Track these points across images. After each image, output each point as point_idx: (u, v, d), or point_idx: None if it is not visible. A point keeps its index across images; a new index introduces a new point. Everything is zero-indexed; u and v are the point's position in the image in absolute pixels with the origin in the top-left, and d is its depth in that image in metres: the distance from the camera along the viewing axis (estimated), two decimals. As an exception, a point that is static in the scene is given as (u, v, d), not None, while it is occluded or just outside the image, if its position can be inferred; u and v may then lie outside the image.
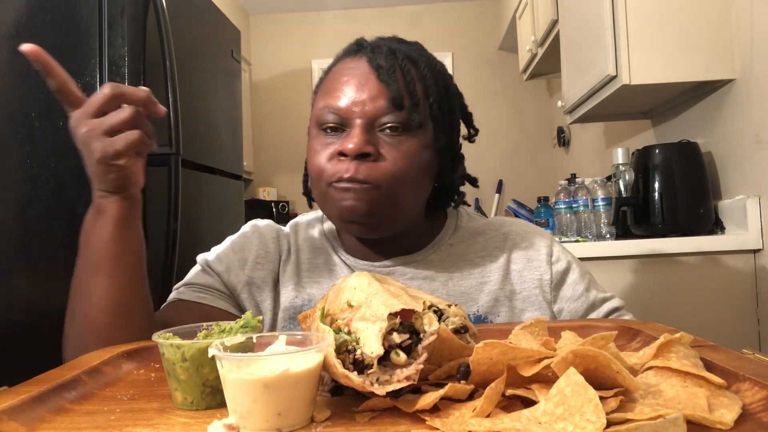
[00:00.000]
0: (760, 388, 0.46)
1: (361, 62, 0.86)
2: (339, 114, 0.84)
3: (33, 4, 1.63)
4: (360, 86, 0.84)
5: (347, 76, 0.85)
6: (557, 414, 0.40)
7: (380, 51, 0.86)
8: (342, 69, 0.87)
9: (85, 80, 1.66)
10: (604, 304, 0.93)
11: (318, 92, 0.90)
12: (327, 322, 0.54)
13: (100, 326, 0.78)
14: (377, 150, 0.82)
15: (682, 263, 1.71)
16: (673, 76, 1.77)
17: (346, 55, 0.90)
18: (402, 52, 0.86)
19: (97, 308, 0.78)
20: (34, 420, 0.49)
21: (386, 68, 0.84)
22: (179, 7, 2.00)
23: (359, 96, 0.83)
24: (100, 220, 0.77)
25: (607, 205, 2.07)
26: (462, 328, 0.56)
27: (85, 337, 0.78)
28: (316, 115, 0.87)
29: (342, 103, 0.83)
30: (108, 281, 0.78)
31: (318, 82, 0.93)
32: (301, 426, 0.46)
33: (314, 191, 0.89)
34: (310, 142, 0.88)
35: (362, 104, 0.83)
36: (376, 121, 0.83)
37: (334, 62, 0.92)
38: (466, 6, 4.82)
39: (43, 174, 1.61)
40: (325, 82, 0.89)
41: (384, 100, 0.83)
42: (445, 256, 0.94)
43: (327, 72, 0.92)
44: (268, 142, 4.82)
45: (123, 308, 0.78)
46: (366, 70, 0.85)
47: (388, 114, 0.83)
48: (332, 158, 0.83)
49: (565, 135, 3.94)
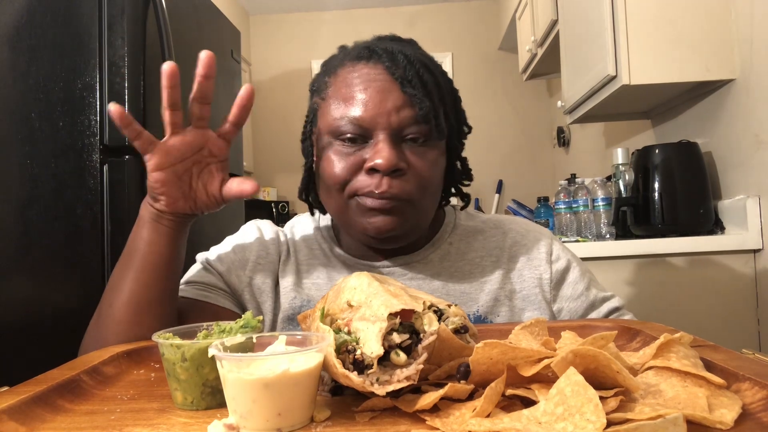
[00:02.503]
0: (760, 388, 0.46)
1: (377, 69, 0.83)
2: (361, 125, 0.81)
3: (33, 4, 1.63)
4: (383, 96, 0.81)
5: (365, 85, 0.82)
6: (557, 414, 0.40)
7: (397, 59, 0.84)
8: (356, 75, 0.84)
9: (85, 80, 1.66)
10: (604, 304, 0.93)
11: (326, 98, 0.86)
12: (327, 322, 0.54)
13: (119, 321, 0.79)
14: (406, 164, 0.82)
15: (682, 263, 1.71)
16: (673, 76, 1.77)
17: (356, 59, 0.85)
18: (417, 59, 0.85)
19: (121, 302, 0.80)
20: (34, 420, 0.49)
21: (408, 78, 0.82)
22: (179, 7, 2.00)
23: (383, 107, 0.81)
24: (139, 218, 0.82)
25: (607, 205, 2.07)
26: (462, 328, 0.56)
27: (104, 330, 0.80)
28: (332, 124, 0.83)
29: (365, 114, 0.81)
30: (134, 276, 0.80)
31: (319, 83, 0.90)
32: (301, 426, 0.46)
33: (330, 201, 0.87)
34: (325, 152, 0.85)
35: (387, 115, 0.81)
36: (401, 132, 0.82)
37: (337, 64, 0.88)
38: (466, 6, 4.82)
39: (43, 174, 1.60)
40: (337, 88, 0.85)
41: (409, 111, 0.81)
42: (445, 255, 0.94)
43: (330, 74, 0.88)
44: (268, 142, 4.82)
45: (144, 305, 0.79)
46: (386, 78, 0.82)
47: (413, 125, 0.82)
48: (357, 171, 0.82)
49: (565, 135, 3.94)
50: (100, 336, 0.80)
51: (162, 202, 0.79)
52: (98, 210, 1.66)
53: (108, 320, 0.80)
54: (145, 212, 0.81)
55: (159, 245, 0.80)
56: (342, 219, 0.87)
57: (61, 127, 1.64)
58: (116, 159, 1.68)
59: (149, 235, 0.80)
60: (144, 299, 0.79)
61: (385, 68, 0.83)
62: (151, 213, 0.81)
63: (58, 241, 1.61)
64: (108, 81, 1.68)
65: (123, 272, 0.81)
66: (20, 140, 1.58)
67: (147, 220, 0.81)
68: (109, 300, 0.81)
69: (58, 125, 1.64)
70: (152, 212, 0.80)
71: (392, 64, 0.83)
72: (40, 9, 1.64)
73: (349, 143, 0.82)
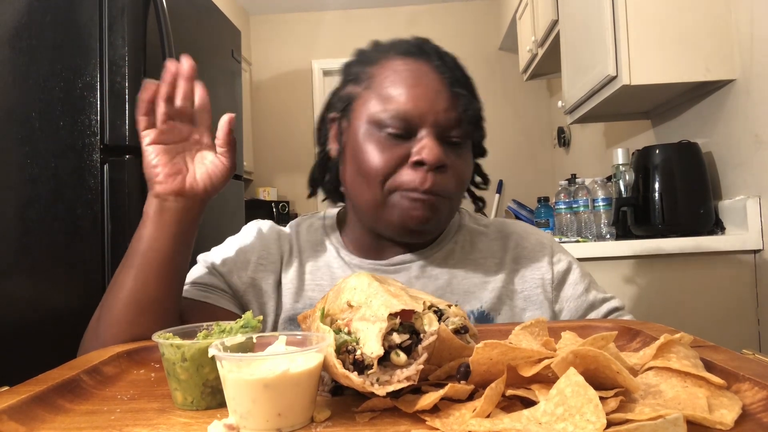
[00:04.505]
0: (760, 389, 0.46)
1: (427, 68, 0.84)
2: (409, 120, 0.82)
3: (33, 4, 1.63)
4: (433, 95, 0.83)
5: (415, 81, 0.83)
6: (557, 414, 0.40)
7: (446, 59, 0.86)
8: (406, 69, 0.84)
9: (85, 80, 1.66)
10: (604, 304, 0.94)
11: (368, 88, 0.86)
12: (327, 322, 0.54)
13: (118, 321, 0.78)
14: (449, 161, 0.84)
15: (682, 263, 1.71)
16: (673, 77, 1.77)
17: (405, 54, 0.86)
18: (460, 66, 0.88)
19: (120, 301, 0.79)
20: (34, 420, 0.49)
21: (457, 78, 0.85)
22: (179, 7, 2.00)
23: (433, 105, 0.82)
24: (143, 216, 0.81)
25: (607, 206, 2.07)
26: (462, 328, 0.56)
27: (102, 330, 0.79)
28: (376, 116, 0.83)
29: (414, 110, 0.82)
30: (134, 274, 0.79)
31: (357, 71, 0.89)
32: (301, 426, 0.46)
33: (364, 191, 0.85)
34: (363, 142, 0.85)
35: (436, 114, 0.82)
36: (445, 131, 0.83)
37: (380, 56, 0.88)
38: (466, 6, 4.82)
39: (43, 174, 1.60)
40: (382, 79, 0.85)
41: (456, 113, 0.83)
42: (449, 254, 0.94)
43: (372, 64, 0.88)
44: (268, 142, 4.82)
45: (143, 305, 0.79)
46: (436, 77, 0.84)
47: (457, 128, 0.84)
48: (400, 164, 0.82)
49: (565, 135, 3.94)
50: (98, 336, 0.80)
51: (159, 181, 0.79)
52: (98, 210, 1.66)
53: (107, 320, 0.79)
54: (148, 207, 0.81)
55: (160, 241, 0.79)
56: (375, 209, 0.86)
57: (61, 126, 1.64)
58: (116, 159, 1.69)
59: (151, 232, 0.80)
60: (144, 299, 0.79)
61: (435, 67, 0.84)
62: (153, 205, 0.80)
63: (58, 241, 1.61)
64: (108, 81, 1.68)
65: (123, 271, 0.81)
66: (20, 140, 1.58)
67: (150, 215, 0.80)
68: (108, 299, 0.81)
69: (58, 125, 1.64)
70: (154, 204, 0.80)
71: (442, 63, 0.85)
72: (40, 9, 1.64)
73: (393, 137, 0.83)
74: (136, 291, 0.79)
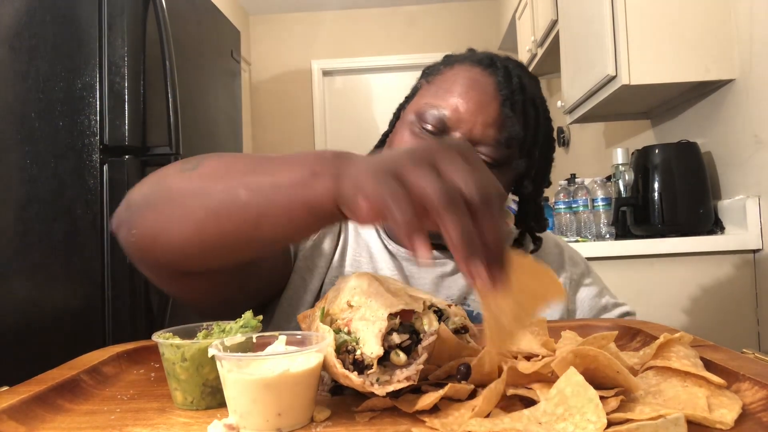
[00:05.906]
0: (760, 388, 0.46)
1: (487, 80, 0.83)
2: (443, 120, 0.81)
3: (33, 4, 1.63)
4: (478, 106, 0.81)
5: (468, 87, 0.83)
6: (557, 414, 0.40)
7: (511, 79, 0.84)
8: (467, 75, 0.84)
9: (85, 80, 1.66)
10: (616, 308, 0.95)
11: (431, 82, 0.87)
12: (327, 322, 0.54)
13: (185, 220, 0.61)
14: None
15: (682, 263, 1.71)
16: (673, 76, 1.77)
17: (476, 63, 0.86)
18: (529, 92, 0.85)
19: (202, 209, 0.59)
20: (34, 420, 0.49)
21: (513, 100, 0.82)
22: (179, 7, 2.00)
23: (473, 115, 0.81)
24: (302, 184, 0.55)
25: (606, 205, 2.07)
26: (462, 328, 0.56)
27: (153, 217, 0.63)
28: (421, 108, 0.84)
29: (452, 113, 0.81)
30: (244, 203, 0.57)
31: (433, 68, 0.90)
32: (301, 426, 0.46)
33: None
34: (403, 128, 0.85)
35: (472, 124, 0.81)
36: (477, 146, 0.81)
37: (458, 60, 0.88)
38: (466, 6, 4.82)
39: (43, 174, 1.60)
40: (443, 78, 0.86)
41: (494, 132, 0.81)
42: None
43: (448, 64, 0.88)
44: (268, 142, 4.82)
45: (220, 235, 0.59)
46: (492, 91, 0.82)
47: (489, 146, 0.81)
48: None
49: (565, 135, 3.94)
50: (158, 217, 0.63)
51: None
52: (98, 210, 1.66)
53: (167, 210, 0.62)
54: (309, 191, 0.53)
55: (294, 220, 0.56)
56: None
57: (61, 127, 1.64)
58: (116, 159, 1.68)
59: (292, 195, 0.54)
60: (227, 230, 0.59)
61: (496, 82, 0.83)
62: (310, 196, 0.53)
63: (57, 241, 1.61)
64: (108, 81, 1.68)
65: (233, 186, 0.58)
66: (20, 140, 1.58)
67: (306, 196, 0.53)
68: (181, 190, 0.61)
69: (58, 125, 1.64)
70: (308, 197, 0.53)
71: (505, 80, 0.83)
72: (40, 9, 1.64)
73: (428, 133, 0.83)
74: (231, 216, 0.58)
